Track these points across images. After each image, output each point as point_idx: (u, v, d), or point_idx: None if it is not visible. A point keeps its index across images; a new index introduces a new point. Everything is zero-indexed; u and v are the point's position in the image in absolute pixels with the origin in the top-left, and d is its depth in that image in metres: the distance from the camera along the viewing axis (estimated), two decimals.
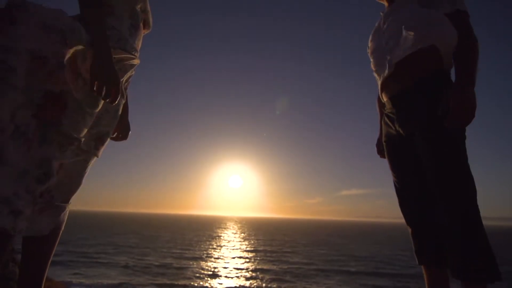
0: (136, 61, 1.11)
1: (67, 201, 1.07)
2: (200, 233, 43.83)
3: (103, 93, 0.89)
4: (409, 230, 1.26)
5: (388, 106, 1.32)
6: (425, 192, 1.19)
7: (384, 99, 1.35)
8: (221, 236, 41.33)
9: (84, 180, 1.10)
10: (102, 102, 0.97)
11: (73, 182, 1.05)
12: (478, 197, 1.07)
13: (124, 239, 29.72)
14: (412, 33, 1.19)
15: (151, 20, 1.22)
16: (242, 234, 45.62)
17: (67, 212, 1.09)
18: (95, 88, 0.88)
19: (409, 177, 1.26)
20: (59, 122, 0.87)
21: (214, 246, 27.82)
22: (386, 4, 1.41)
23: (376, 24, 1.41)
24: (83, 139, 0.97)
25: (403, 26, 1.22)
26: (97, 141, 1.07)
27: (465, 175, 1.07)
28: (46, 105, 0.85)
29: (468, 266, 1.02)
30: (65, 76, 0.87)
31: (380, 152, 1.50)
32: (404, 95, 1.22)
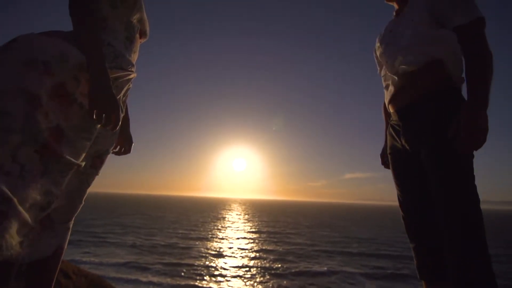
0: (132, 75, 1.08)
1: (68, 220, 1.07)
2: (205, 215, 44.60)
3: (103, 121, 0.87)
4: (411, 245, 1.25)
5: (394, 117, 1.28)
6: (429, 208, 1.16)
7: (391, 110, 1.30)
8: (225, 217, 42.03)
9: (84, 200, 1.10)
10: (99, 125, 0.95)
11: (74, 202, 1.05)
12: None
13: (131, 220, 30.40)
14: (417, 49, 1.14)
15: (148, 28, 1.18)
16: (246, 216, 46.35)
17: (70, 230, 1.10)
18: (94, 116, 0.86)
19: (413, 192, 1.23)
20: (61, 154, 0.86)
21: (219, 227, 28.37)
22: (396, 6, 1.34)
23: (383, 31, 1.35)
24: (83, 163, 0.96)
25: (408, 43, 1.17)
26: (96, 160, 1.06)
27: (471, 197, 1.04)
28: (49, 141, 0.83)
29: (468, 265, 1.01)
30: (57, 109, 0.84)
31: (385, 163, 1.47)
32: (412, 109, 1.18)
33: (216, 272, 12.01)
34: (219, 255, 15.32)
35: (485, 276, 1.00)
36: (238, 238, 21.33)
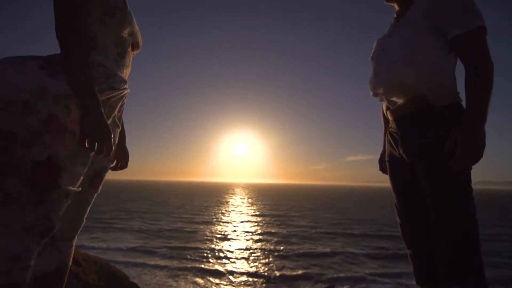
0: (126, 92, 1.05)
1: (71, 238, 1.07)
2: (209, 199, 45.14)
3: (96, 149, 0.86)
4: (408, 251, 1.26)
5: (392, 125, 1.26)
6: (426, 218, 1.15)
7: (389, 117, 1.27)
8: (229, 201, 42.54)
9: (85, 218, 1.10)
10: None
11: (75, 222, 1.06)
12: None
13: (136, 205, 30.86)
14: (413, 75, 1.11)
15: (140, 40, 1.14)
16: (250, 200, 46.88)
17: (73, 247, 1.10)
18: (86, 145, 0.85)
19: (411, 201, 1.22)
20: (57, 185, 0.85)
21: (223, 211, 28.76)
22: (397, 8, 1.29)
23: (382, 36, 1.30)
24: (79, 188, 0.95)
25: (403, 67, 1.13)
26: (94, 179, 1.06)
27: (468, 210, 1.04)
28: (37, 173, 0.82)
29: (463, 279, 1.01)
30: (46, 141, 0.83)
31: (383, 169, 1.45)
32: (411, 119, 1.15)
33: (221, 255, 12.27)
34: (224, 238, 15.61)
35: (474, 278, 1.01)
36: (242, 222, 21.66)
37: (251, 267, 10.66)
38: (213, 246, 13.73)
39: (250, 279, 9.49)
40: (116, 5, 0.98)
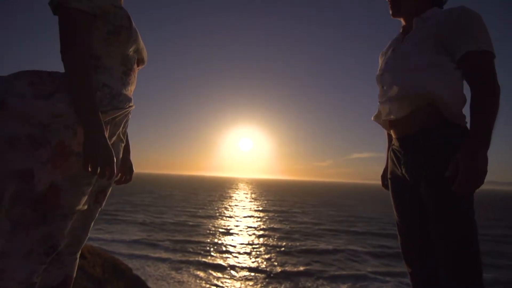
0: (130, 109, 1.05)
1: (76, 252, 1.08)
2: (213, 194, 45.42)
3: (98, 172, 0.87)
4: (408, 270, 1.25)
5: (396, 143, 1.24)
6: (427, 238, 1.13)
7: (393, 135, 1.26)
8: (232, 196, 42.77)
9: (89, 232, 1.11)
10: None
11: (79, 237, 1.07)
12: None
13: (140, 198, 31.17)
14: (414, 90, 1.09)
15: (145, 55, 1.13)
16: (253, 195, 47.06)
17: (77, 261, 1.11)
18: (89, 169, 0.86)
19: (412, 220, 1.21)
20: (60, 205, 0.86)
21: (226, 206, 28.93)
22: (403, 22, 1.27)
23: (386, 49, 1.29)
24: (85, 206, 0.96)
25: (407, 81, 1.11)
26: (99, 194, 1.06)
27: (470, 233, 1.03)
28: (41, 200, 0.84)
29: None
30: (51, 167, 0.84)
31: (385, 186, 1.44)
32: (414, 139, 1.14)
33: (224, 249, 12.37)
34: (227, 232, 15.71)
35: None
36: (245, 217, 21.78)
37: (253, 262, 10.73)
38: (216, 240, 13.84)
39: (252, 274, 9.56)
40: (121, 24, 0.97)
